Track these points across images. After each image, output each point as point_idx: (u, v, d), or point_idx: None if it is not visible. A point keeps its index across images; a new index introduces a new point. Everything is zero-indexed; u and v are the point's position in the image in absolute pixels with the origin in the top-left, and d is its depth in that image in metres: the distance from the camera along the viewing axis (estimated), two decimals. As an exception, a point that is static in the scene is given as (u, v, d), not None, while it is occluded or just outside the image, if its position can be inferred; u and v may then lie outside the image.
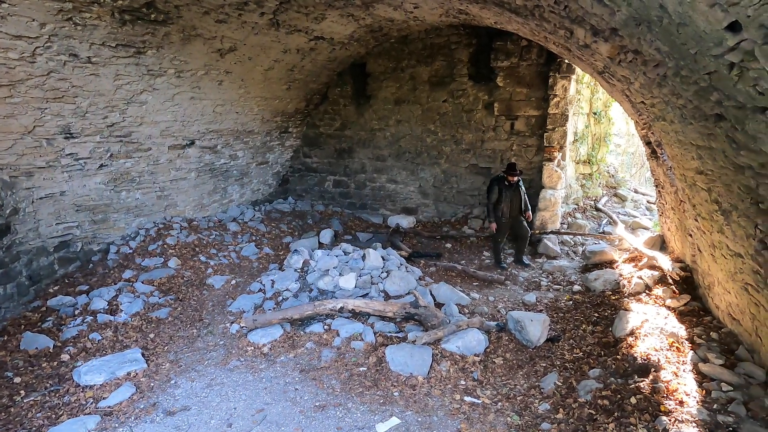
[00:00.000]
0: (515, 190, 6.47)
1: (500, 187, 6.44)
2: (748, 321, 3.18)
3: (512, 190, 6.45)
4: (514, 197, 6.47)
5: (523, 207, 6.59)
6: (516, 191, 6.47)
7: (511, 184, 6.41)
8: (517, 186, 6.47)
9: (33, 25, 3.84)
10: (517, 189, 6.48)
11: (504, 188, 6.43)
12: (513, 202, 6.48)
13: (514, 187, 6.44)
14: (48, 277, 5.34)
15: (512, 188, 6.44)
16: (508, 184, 6.42)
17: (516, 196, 6.48)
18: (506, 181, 6.42)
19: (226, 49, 5.87)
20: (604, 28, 2.74)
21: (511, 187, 6.44)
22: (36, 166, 4.91)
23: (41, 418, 3.38)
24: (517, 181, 6.46)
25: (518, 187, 6.49)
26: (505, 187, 6.44)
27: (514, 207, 6.52)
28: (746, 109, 1.82)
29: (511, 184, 6.41)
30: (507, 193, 6.45)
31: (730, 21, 1.47)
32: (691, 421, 2.74)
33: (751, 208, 2.45)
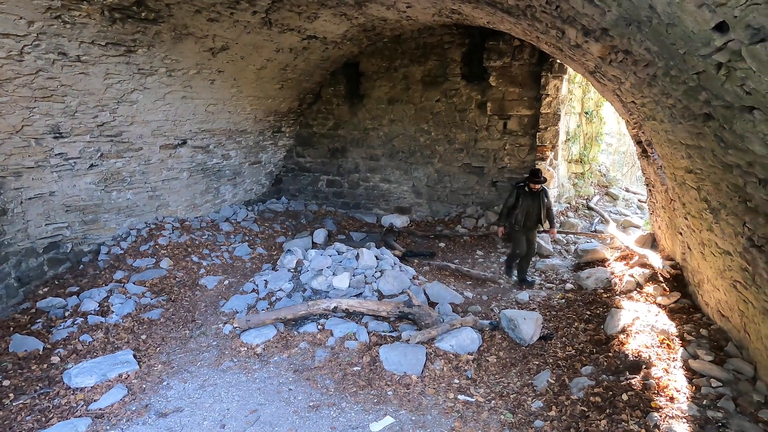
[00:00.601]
0: (535, 200, 5.82)
1: (519, 192, 5.84)
2: (736, 318, 3.22)
3: (532, 198, 5.81)
4: (533, 207, 5.82)
5: (542, 219, 5.95)
6: (536, 201, 5.82)
7: (532, 192, 5.79)
8: (539, 195, 5.83)
9: (21, 23, 3.79)
10: (537, 199, 5.83)
11: (523, 195, 5.84)
12: (530, 211, 5.83)
13: (534, 196, 5.81)
14: (37, 279, 5.27)
15: (533, 196, 5.81)
16: (528, 191, 5.82)
17: (535, 205, 5.83)
18: (527, 188, 5.82)
19: (218, 48, 5.83)
20: (595, 28, 2.76)
21: (532, 195, 5.81)
22: (24, 166, 4.84)
23: (31, 421, 3.34)
24: (540, 190, 5.83)
25: (540, 197, 5.84)
26: (525, 194, 5.84)
27: (530, 217, 5.86)
28: (734, 109, 1.84)
29: (533, 191, 5.79)
30: (525, 201, 5.83)
31: (718, 21, 1.49)
32: (681, 417, 2.78)
33: (739, 206, 2.49)
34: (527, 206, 5.82)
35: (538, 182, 5.75)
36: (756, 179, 2.10)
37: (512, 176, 8.14)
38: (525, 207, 5.81)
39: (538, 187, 5.78)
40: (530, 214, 5.85)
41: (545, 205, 5.91)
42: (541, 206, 5.88)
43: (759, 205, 2.23)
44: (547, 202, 5.92)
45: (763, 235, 2.36)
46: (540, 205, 5.86)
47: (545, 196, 5.91)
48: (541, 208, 5.89)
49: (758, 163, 1.97)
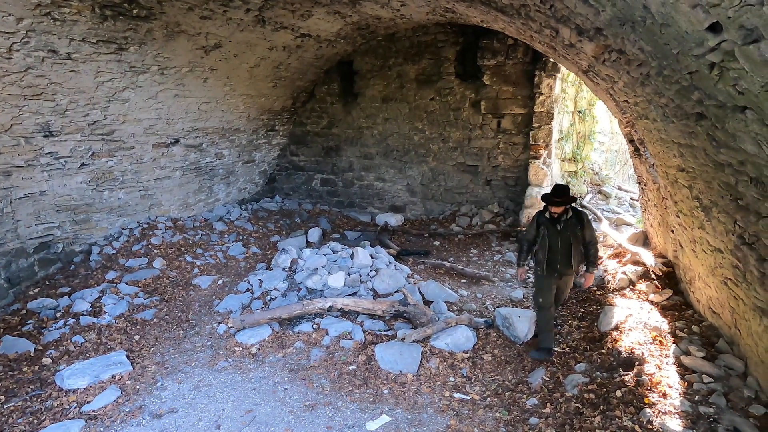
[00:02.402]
0: (563, 230, 4.02)
1: (540, 221, 4.14)
2: (727, 314, 3.27)
3: (557, 228, 4.03)
4: (559, 240, 4.02)
5: (576, 258, 4.11)
6: (564, 232, 4.02)
7: (556, 218, 4.03)
8: (569, 224, 4.04)
9: (9, 20, 3.73)
10: (567, 229, 4.03)
11: (545, 224, 4.08)
12: (556, 246, 4.03)
13: (561, 225, 4.03)
14: (28, 279, 5.20)
15: (558, 225, 4.03)
16: (550, 218, 4.06)
17: (562, 239, 4.02)
18: (548, 213, 4.08)
19: (211, 46, 5.78)
20: (589, 27, 2.78)
21: (557, 224, 4.03)
22: (14, 165, 4.77)
23: (23, 423, 3.30)
24: (567, 215, 4.04)
25: (570, 226, 4.03)
26: (546, 223, 4.07)
27: (557, 255, 4.05)
28: (726, 108, 1.86)
29: (556, 217, 4.03)
30: (548, 233, 4.06)
31: (712, 22, 1.50)
32: (674, 413, 2.81)
33: (730, 204, 2.52)
34: (550, 240, 4.05)
35: (561, 203, 3.96)
36: (747, 178, 2.12)
37: (506, 175, 8.19)
38: (547, 241, 4.06)
39: (560, 209, 3.99)
40: (555, 250, 4.05)
41: (580, 239, 4.07)
42: (573, 240, 4.04)
43: (750, 203, 2.26)
44: (582, 234, 4.07)
45: (753, 232, 2.40)
46: (570, 238, 4.03)
47: (580, 225, 4.05)
48: (573, 243, 4.04)
49: (750, 162, 2.00)
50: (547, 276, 4.14)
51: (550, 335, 4.17)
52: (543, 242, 4.10)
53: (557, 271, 4.13)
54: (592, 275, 4.33)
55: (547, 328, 4.16)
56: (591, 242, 4.15)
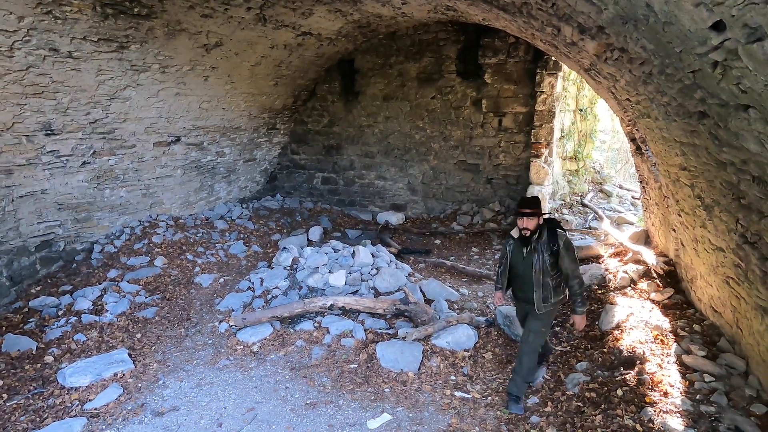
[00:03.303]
0: (530, 253, 3.33)
1: (507, 241, 3.54)
2: (729, 313, 3.26)
3: (523, 250, 3.37)
4: (524, 266, 3.37)
5: (545, 291, 3.33)
6: (532, 255, 3.31)
7: (524, 239, 3.34)
8: (540, 246, 3.30)
9: (10, 18, 3.73)
10: (536, 251, 3.30)
11: (511, 245, 3.47)
12: (522, 274, 3.40)
13: (529, 247, 3.33)
14: (30, 278, 5.21)
15: (525, 247, 3.35)
16: (518, 237, 3.41)
17: (528, 265, 3.35)
18: (517, 232, 3.42)
19: (212, 45, 5.78)
20: (591, 25, 2.77)
21: (526, 245, 3.34)
22: (16, 163, 4.77)
23: (25, 421, 3.31)
24: (539, 236, 3.32)
25: (541, 249, 3.30)
26: (513, 243, 3.46)
27: (522, 285, 3.43)
28: (729, 107, 1.86)
29: (526, 237, 3.32)
30: (511, 256, 3.46)
31: (715, 20, 1.49)
32: (675, 412, 2.81)
33: (732, 203, 2.51)
34: (513, 265, 3.44)
35: (528, 214, 3.26)
36: (750, 177, 2.12)
37: (507, 173, 8.17)
38: (508, 266, 3.47)
39: (531, 225, 3.27)
40: (521, 279, 3.42)
41: (550, 269, 3.31)
42: (538, 269, 3.29)
43: (752, 202, 2.26)
44: (558, 263, 3.31)
45: (755, 231, 2.39)
46: (540, 264, 3.29)
47: (552, 251, 3.28)
48: (535, 273, 3.30)
49: (752, 161, 1.99)
50: (519, 308, 3.68)
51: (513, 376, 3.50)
52: (505, 264, 3.50)
53: (527, 303, 3.45)
54: (581, 317, 3.41)
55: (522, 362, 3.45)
56: (571, 275, 3.29)
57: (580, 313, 3.45)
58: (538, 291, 3.34)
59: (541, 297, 3.35)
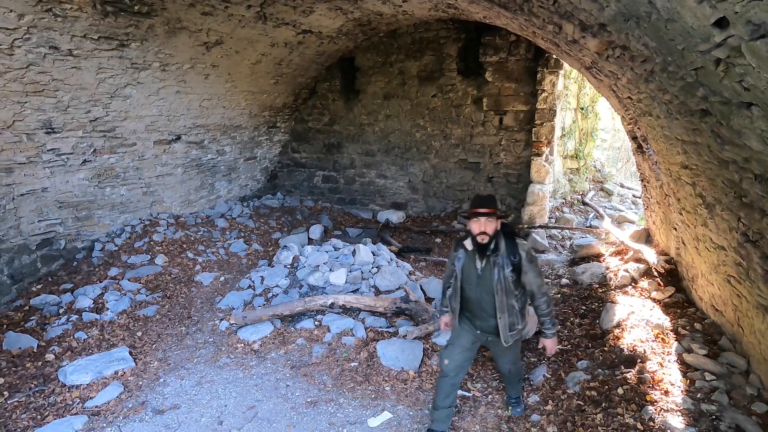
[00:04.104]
0: (487, 267, 2.75)
1: (456, 252, 2.89)
2: (730, 312, 3.26)
3: (476, 264, 2.78)
4: (480, 283, 2.78)
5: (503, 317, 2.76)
6: (489, 270, 2.74)
7: (481, 249, 2.72)
8: (498, 259, 2.72)
9: (11, 16, 3.72)
10: (494, 265, 2.73)
11: (461, 259, 2.84)
12: (476, 293, 2.82)
13: (485, 259, 2.75)
14: (30, 276, 5.22)
15: (480, 260, 2.76)
16: (474, 249, 2.76)
17: (485, 282, 2.77)
18: (469, 241, 2.78)
19: (213, 43, 5.77)
20: (592, 23, 2.76)
21: (482, 258, 2.75)
22: (16, 161, 4.77)
23: (26, 419, 3.32)
24: (496, 247, 2.72)
25: (499, 263, 2.72)
26: (464, 255, 2.83)
27: (477, 306, 2.86)
28: (731, 105, 1.85)
29: (481, 246, 2.71)
30: (461, 271, 2.85)
31: (718, 17, 1.48)
32: (676, 411, 2.81)
33: (734, 201, 2.51)
34: (465, 282, 2.84)
35: (485, 215, 2.64)
36: (752, 175, 2.11)
37: (508, 172, 8.16)
38: (460, 283, 2.86)
39: (489, 230, 2.66)
40: (474, 299, 2.84)
41: (513, 286, 2.74)
42: (499, 287, 2.72)
43: (754, 200, 2.25)
44: (517, 275, 2.74)
45: (757, 230, 2.38)
46: (502, 282, 2.72)
47: (514, 264, 2.72)
48: (498, 293, 2.72)
49: (754, 159, 1.98)
50: (463, 330, 2.91)
51: (445, 415, 2.95)
52: (455, 284, 2.84)
53: (479, 330, 2.87)
54: (552, 341, 2.87)
55: (442, 403, 2.92)
56: (537, 292, 2.76)
57: (551, 336, 2.87)
58: (503, 317, 2.70)
59: (507, 324, 2.73)
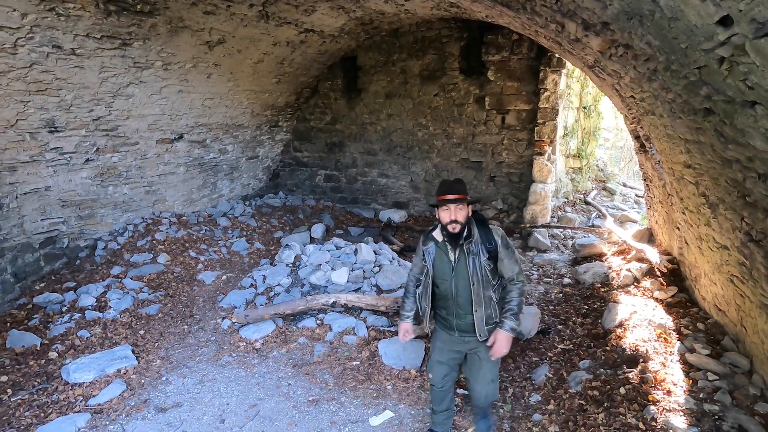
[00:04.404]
0: (461, 258, 2.55)
1: (425, 246, 2.68)
2: (733, 312, 3.25)
3: (449, 256, 2.58)
4: (455, 278, 2.56)
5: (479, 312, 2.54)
6: (464, 261, 2.54)
7: (452, 239, 2.54)
8: (473, 249, 2.53)
9: (14, 15, 3.73)
10: (468, 256, 2.53)
11: (431, 250, 2.64)
12: (450, 289, 2.59)
13: (458, 250, 2.55)
14: (34, 274, 5.24)
15: (453, 251, 2.57)
16: (442, 240, 2.60)
17: (460, 275, 2.55)
18: (438, 232, 2.62)
19: (215, 42, 5.77)
20: (595, 22, 2.75)
21: (452, 249, 2.57)
22: (19, 160, 4.79)
23: (29, 416, 3.33)
24: (469, 236, 2.54)
25: (474, 252, 2.53)
26: (435, 248, 2.63)
27: (452, 304, 2.61)
28: (735, 104, 1.84)
29: (453, 236, 2.52)
30: (433, 265, 2.64)
31: (722, 15, 1.48)
32: (678, 410, 2.80)
33: (737, 201, 2.50)
34: (437, 277, 2.61)
35: (455, 201, 2.46)
36: (756, 174, 2.10)
37: (510, 171, 8.14)
38: (431, 280, 2.64)
39: (458, 216, 2.47)
40: (451, 300, 2.59)
41: (490, 276, 2.53)
42: (476, 279, 2.50)
43: (758, 200, 2.24)
44: (495, 265, 2.56)
45: (761, 230, 2.37)
46: (479, 272, 2.51)
47: (490, 252, 2.52)
48: (474, 285, 2.51)
49: (758, 158, 1.97)
50: (442, 336, 2.70)
51: (444, 418, 2.89)
52: (426, 281, 2.61)
53: (457, 331, 2.58)
54: (505, 334, 2.43)
55: (439, 408, 2.87)
56: (512, 279, 2.51)
57: (507, 329, 2.44)
58: (479, 309, 2.47)
59: (483, 317, 2.51)
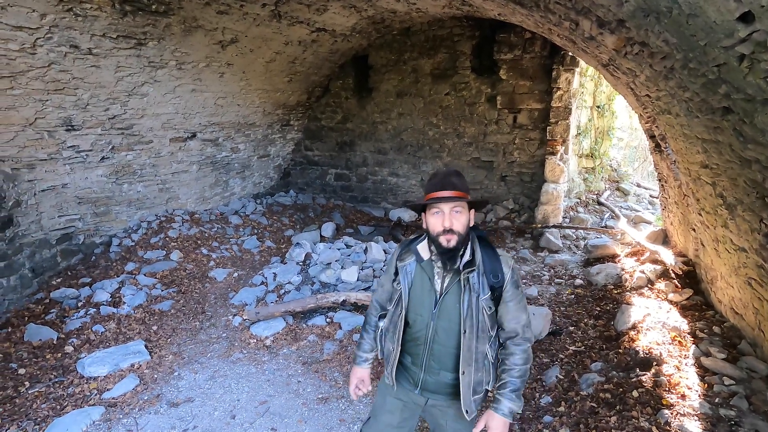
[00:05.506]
0: (452, 287, 1.72)
1: (401, 262, 1.84)
2: (751, 315, 3.18)
3: (433, 282, 1.75)
4: (439, 312, 1.73)
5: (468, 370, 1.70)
6: (456, 292, 1.71)
7: (445, 256, 1.70)
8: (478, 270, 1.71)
9: (33, 16, 3.81)
10: (461, 286, 1.70)
11: (411, 272, 1.80)
12: (427, 328, 1.75)
13: (448, 275, 1.73)
14: (51, 270, 5.35)
15: (441, 275, 1.75)
16: (430, 257, 1.78)
17: (447, 310, 1.72)
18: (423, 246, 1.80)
19: (228, 41, 5.83)
20: (610, 19, 2.70)
21: (440, 271, 1.75)
22: (38, 158, 4.89)
23: (46, 408, 3.41)
24: (464, 254, 1.71)
25: (480, 277, 1.70)
26: (417, 266, 1.79)
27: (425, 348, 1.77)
28: (756, 102, 1.80)
29: (447, 253, 1.68)
30: (409, 289, 1.78)
31: (743, 11, 1.44)
32: (693, 415, 2.75)
33: (756, 202, 2.44)
34: (413, 307, 1.80)
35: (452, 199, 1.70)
36: (776, 175, 2.05)
37: (522, 170, 8.08)
38: (404, 311, 1.80)
39: (455, 225, 1.68)
40: (423, 336, 1.78)
41: (489, 320, 1.73)
42: (480, 321, 1.71)
43: (778, 201, 2.19)
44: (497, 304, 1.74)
45: (781, 231, 2.32)
46: (475, 314, 1.70)
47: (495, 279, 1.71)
48: (479, 329, 1.71)
49: (779, 158, 1.93)
50: (389, 396, 1.91)
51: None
52: (396, 314, 1.82)
53: (422, 387, 1.83)
54: (502, 421, 1.69)
55: None
56: (515, 334, 1.75)
57: (506, 412, 1.69)
58: (468, 371, 1.70)
59: (472, 383, 1.72)
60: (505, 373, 1.75)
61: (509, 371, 1.74)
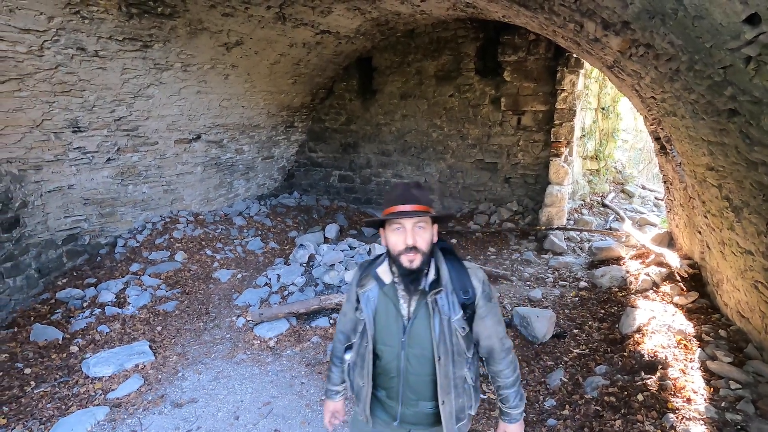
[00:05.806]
0: (419, 311, 1.58)
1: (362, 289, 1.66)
2: (757, 319, 3.15)
3: (398, 307, 1.60)
4: (409, 340, 1.58)
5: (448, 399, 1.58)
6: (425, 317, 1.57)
7: (411, 278, 1.55)
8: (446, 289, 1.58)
9: (41, 19, 3.85)
10: (428, 310, 1.56)
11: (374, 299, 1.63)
12: (397, 359, 1.61)
13: (415, 298, 1.59)
14: (57, 270, 5.39)
15: (407, 299, 1.60)
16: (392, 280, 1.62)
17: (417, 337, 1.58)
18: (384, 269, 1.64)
19: (233, 43, 5.86)
20: (615, 21, 2.70)
21: (405, 296, 1.60)
22: (44, 159, 4.94)
23: (51, 408, 3.43)
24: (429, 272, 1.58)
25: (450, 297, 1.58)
26: (379, 292, 1.63)
27: (398, 380, 1.63)
28: (762, 104, 1.79)
29: (410, 274, 1.54)
30: (386, 321, 1.62)
31: (749, 13, 1.44)
32: (698, 419, 2.73)
33: (763, 204, 2.42)
34: (387, 339, 1.63)
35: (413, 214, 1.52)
36: (783, 177, 2.04)
37: (526, 172, 8.05)
38: (370, 342, 1.64)
39: (417, 242, 1.53)
40: (395, 371, 1.63)
41: (464, 344, 1.61)
42: (454, 345, 1.58)
43: (785, 203, 2.17)
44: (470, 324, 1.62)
45: (788, 234, 2.30)
46: (448, 338, 1.57)
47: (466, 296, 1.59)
48: (454, 353, 1.58)
49: (786, 161, 1.91)
50: (370, 428, 1.77)
51: None
52: (362, 346, 1.69)
53: (401, 420, 1.69)
54: (517, 425, 1.77)
55: None
56: (498, 349, 1.70)
57: (516, 419, 1.76)
58: (447, 400, 1.59)
59: (454, 411, 1.62)
60: (501, 389, 1.77)
61: (504, 387, 1.76)
